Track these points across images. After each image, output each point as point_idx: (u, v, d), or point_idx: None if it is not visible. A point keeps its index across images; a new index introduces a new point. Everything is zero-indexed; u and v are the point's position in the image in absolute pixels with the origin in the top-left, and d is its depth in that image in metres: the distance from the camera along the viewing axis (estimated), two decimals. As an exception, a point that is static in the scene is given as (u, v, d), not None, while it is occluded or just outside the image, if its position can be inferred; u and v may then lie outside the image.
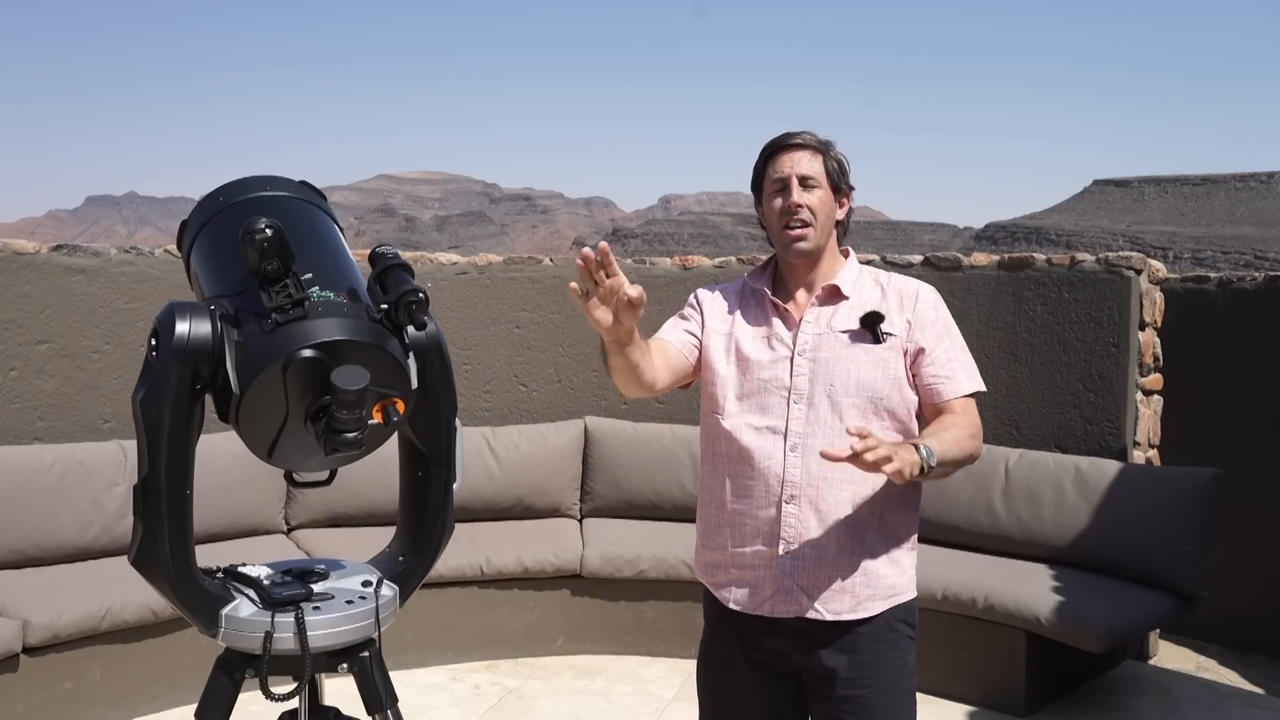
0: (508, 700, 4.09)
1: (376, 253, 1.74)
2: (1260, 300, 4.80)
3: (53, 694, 3.58)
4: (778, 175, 2.13)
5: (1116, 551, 4.18)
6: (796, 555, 2.06)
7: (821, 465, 2.03)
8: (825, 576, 2.05)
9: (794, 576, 2.06)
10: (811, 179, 2.11)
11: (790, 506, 2.06)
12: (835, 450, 1.79)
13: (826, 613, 2.06)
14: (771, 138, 2.19)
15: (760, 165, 2.18)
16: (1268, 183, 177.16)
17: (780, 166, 2.13)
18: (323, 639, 1.65)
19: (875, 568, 2.08)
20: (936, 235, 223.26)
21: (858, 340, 2.08)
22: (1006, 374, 4.80)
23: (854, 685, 2.06)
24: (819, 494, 2.05)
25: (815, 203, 2.11)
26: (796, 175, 2.11)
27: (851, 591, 2.06)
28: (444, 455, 1.79)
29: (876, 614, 2.08)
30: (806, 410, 2.07)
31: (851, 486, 2.05)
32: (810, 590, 2.06)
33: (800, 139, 2.14)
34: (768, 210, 2.16)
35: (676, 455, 4.92)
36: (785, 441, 2.07)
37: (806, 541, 2.05)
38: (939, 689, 4.03)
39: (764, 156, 2.18)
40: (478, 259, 5.32)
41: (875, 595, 2.08)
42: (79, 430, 4.41)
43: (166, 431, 1.56)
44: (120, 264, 4.53)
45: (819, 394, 2.06)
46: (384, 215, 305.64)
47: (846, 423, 2.04)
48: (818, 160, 2.13)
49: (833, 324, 2.11)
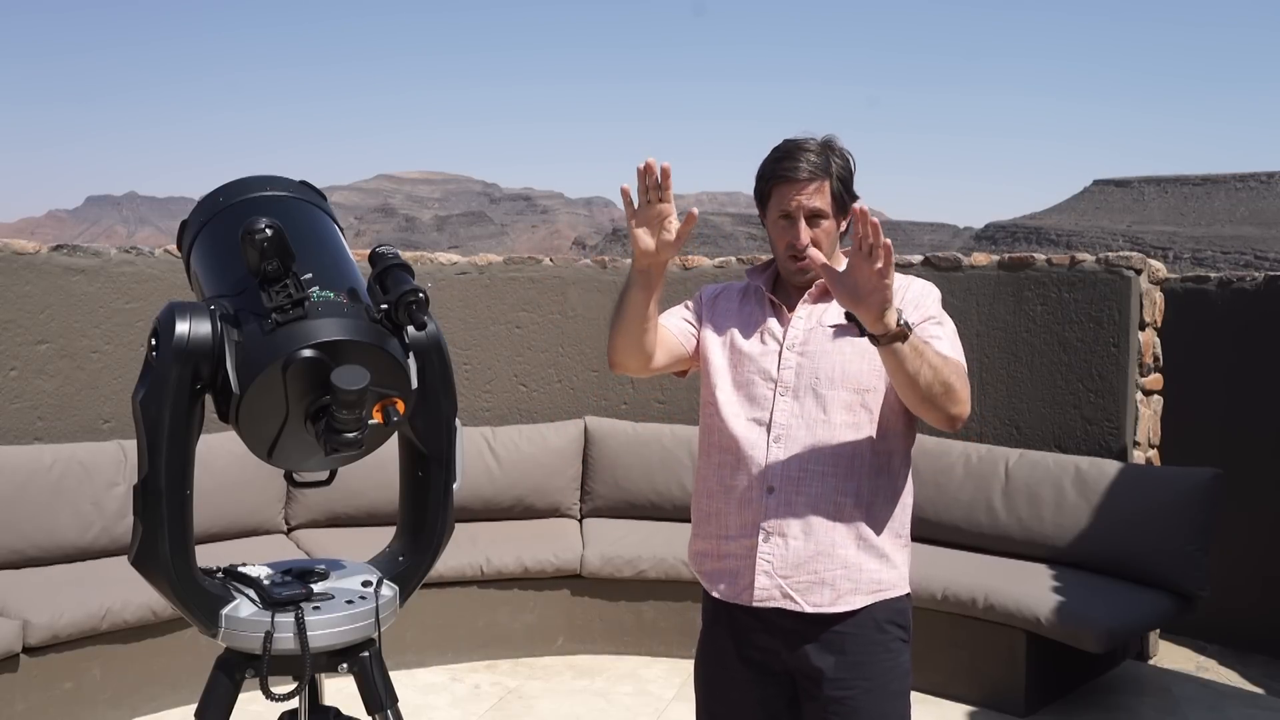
0: (508, 700, 4.09)
1: (376, 253, 1.74)
2: (1260, 300, 4.80)
3: (53, 694, 3.58)
4: (783, 210, 2.09)
5: (1116, 551, 4.18)
6: (775, 545, 2.06)
7: (804, 458, 2.05)
8: (804, 568, 2.05)
9: (772, 566, 2.07)
10: (819, 213, 2.07)
11: (771, 498, 2.07)
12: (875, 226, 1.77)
13: (806, 604, 2.05)
14: (774, 152, 2.11)
15: (764, 186, 2.12)
16: (1268, 183, 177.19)
17: (785, 201, 2.08)
18: (323, 639, 1.65)
19: (858, 561, 2.06)
20: (936, 235, 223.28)
21: (843, 333, 2.07)
22: (1006, 374, 4.80)
23: (842, 686, 2.06)
24: (800, 486, 2.06)
25: (822, 235, 2.09)
26: (804, 212, 2.07)
27: (831, 584, 2.05)
28: (444, 455, 1.79)
29: (860, 608, 2.07)
30: (792, 402, 2.08)
31: (834, 479, 2.05)
32: (788, 581, 2.06)
33: (806, 168, 2.05)
34: (774, 234, 2.14)
35: (676, 455, 4.92)
36: (769, 433, 2.08)
37: (787, 533, 2.06)
38: (939, 689, 4.04)
39: (767, 179, 2.11)
40: (478, 259, 5.32)
41: (857, 589, 2.06)
42: (79, 430, 4.41)
43: (166, 431, 1.56)
44: (120, 264, 4.54)
45: (804, 387, 2.08)
46: (384, 215, 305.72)
47: (831, 416, 2.05)
48: (824, 190, 2.07)
49: (823, 320, 2.12)
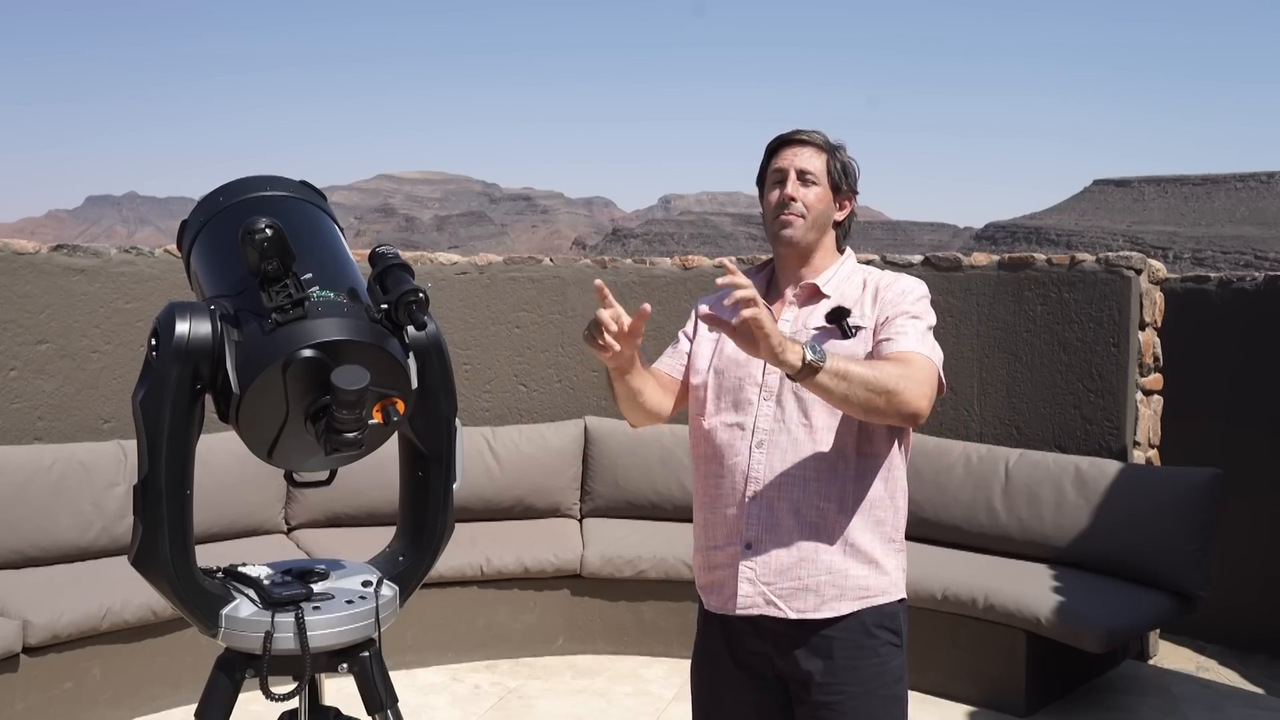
0: (508, 700, 4.09)
1: (376, 253, 1.74)
2: (1260, 300, 4.80)
3: (53, 694, 3.58)
4: (777, 167, 2.15)
5: (1116, 551, 4.18)
6: (757, 553, 2.05)
7: (785, 463, 2.04)
8: (786, 574, 2.04)
9: (755, 574, 2.05)
10: (810, 174, 2.12)
11: (752, 505, 2.06)
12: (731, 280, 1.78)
13: (790, 610, 2.04)
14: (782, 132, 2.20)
15: (765, 159, 2.20)
16: (1268, 183, 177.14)
17: (782, 160, 2.15)
18: (323, 639, 1.65)
19: (843, 567, 2.04)
20: (936, 235, 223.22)
21: (826, 337, 2.06)
22: (1006, 374, 4.80)
23: (830, 691, 2.04)
24: (781, 492, 2.04)
25: (810, 198, 2.11)
26: (795, 169, 2.12)
27: (816, 590, 2.04)
28: (444, 455, 1.79)
29: (847, 614, 2.05)
30: (775, 408, 2.07)
31: (817, 484, 2.03)
32: (772, 589, 2.05)
33: (807, 135, 2.15)
34: (765, 202, 2.18)
35: (676, 455, 4.91)
36: (752, 439, 2.07)
37: (768, 539, 2.05)
38: (939, 689, 4.04)
39: (769, 150, 2.19)
40: (478, 259, 5.32)
41: (844, 595, 2.04)
42: (79, 430, 4.41)
43: (166, 431, 1.56)
44: (120, 264, 4.53)
45: (787, 391, 2.06)
46: (384, 215, 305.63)
47: (814, 420, 2.04)
48: (820, 158, 2.13)
49: (808, 323, 2.11)
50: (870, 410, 1.92)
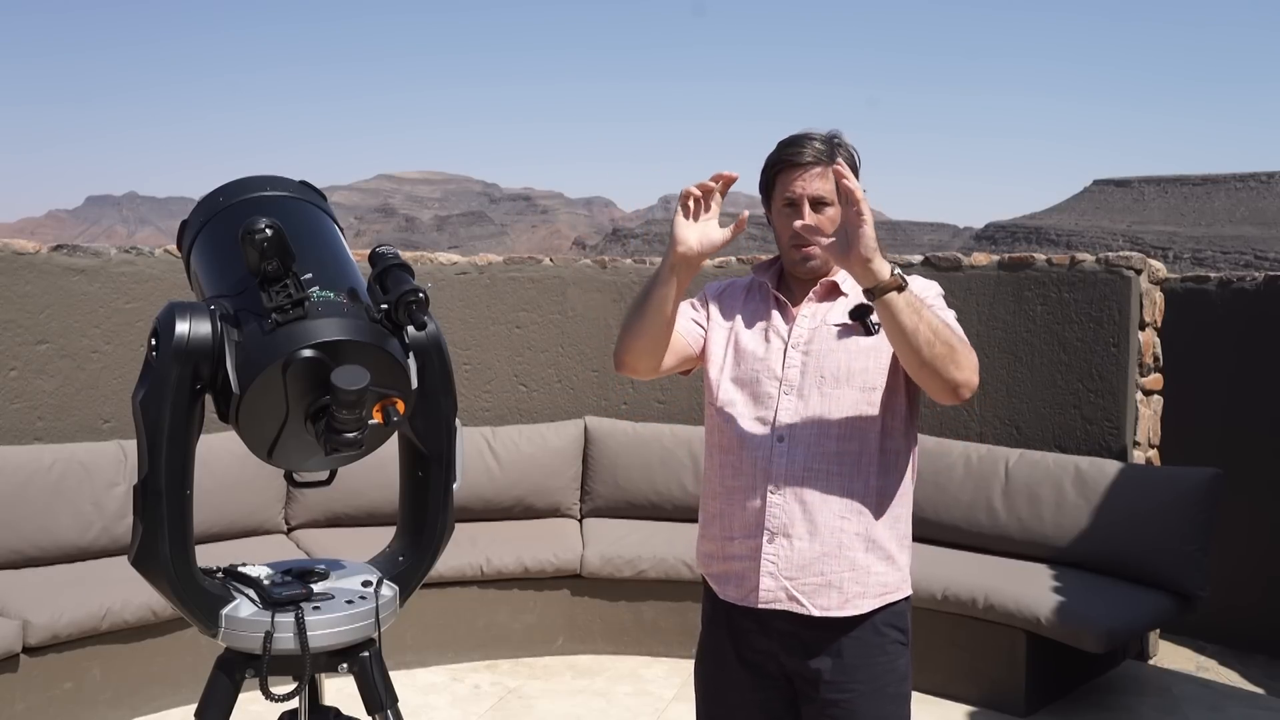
0: (508, 700, 4.09)
1: (376, 253, 1.74)
2: (1260, 300, 4.80)
3: (53, 694, 3.58)
4: (788, 195, 2.08)
5: (1116, 551, 4.18)
6: (780, 546, 2.04)
7: (810, 457, 2.03)
8: (811, 570, 2.03)
9: (777, 568, 2.05)
10: (823, 199, 2.06)
11: (775, 497, 2.05)
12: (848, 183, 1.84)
13: (813, 608, 2.04)
14: (781, 142, 2.12)
15: (769, 175, 2.13)
16: (1268, 183, 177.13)
17: (791, 187, 2.08)
18: (323, 639, 1.65)
19: (866, 563, 2.05)
20: (936, 235, 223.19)
21: (849, 333, 2.07)
22: (1006, 374, 4.80)
23: (839, 689, 2.04)
24: (804, 486, 2.03)
25: (826, 223, 2.06)
26: (808, 197, 2.06)
27: (839, 587, 2.04)
28: (444, 455, 1.79)
29: (867, 612, 2.05)
30: (797, 401, 2.06)
31: (840, 479, 2.03)
32: (795, 584, 2.04)
33: (811, 154, 2.06)
34: (778, 224, 2.13)
35: (676, 455, 4.92)
36: (773, 432, 2.06)
37: (792, 534, 2.04)
38: (939, 689, 4.04)
39: (773, 168, 2.12)
40: (478, 259, 5.32)
41: (866, 593, 2.05)
42: (79, 430, 4.41)
43: (166, 431, 1.56)
44: (120, 264, 4.53)
45: (810, 385, 2.06)
46: (384, 215, 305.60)
47: (836, 415, 2.03)
48: (828, 176, 2.05)
49: (828, 319, 2.11)
50: (925, 358, 1.87)
